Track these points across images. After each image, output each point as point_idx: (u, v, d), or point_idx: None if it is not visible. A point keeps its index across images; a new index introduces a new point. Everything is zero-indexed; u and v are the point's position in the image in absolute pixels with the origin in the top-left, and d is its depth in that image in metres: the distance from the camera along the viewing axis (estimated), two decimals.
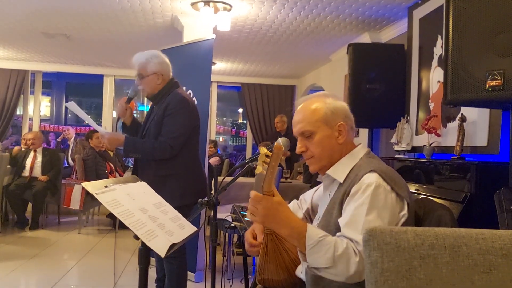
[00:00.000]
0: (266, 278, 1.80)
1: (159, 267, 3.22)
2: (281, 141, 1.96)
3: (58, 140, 9.18)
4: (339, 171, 1.68)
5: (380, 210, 1.50)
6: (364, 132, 5.51)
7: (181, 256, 3.02)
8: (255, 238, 1.86)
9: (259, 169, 1.52)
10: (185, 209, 2.97)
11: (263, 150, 1.53)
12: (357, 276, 1.44)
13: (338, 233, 1.52)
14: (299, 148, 1.73)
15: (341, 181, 1.65)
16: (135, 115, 3.16)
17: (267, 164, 1.49)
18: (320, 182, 1.89)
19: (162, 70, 3.03)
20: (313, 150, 1.70)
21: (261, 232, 1.83)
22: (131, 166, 5.49)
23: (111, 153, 7.20)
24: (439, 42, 3.97)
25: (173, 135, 2.93)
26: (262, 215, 1.52)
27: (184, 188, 3.00)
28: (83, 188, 5.99)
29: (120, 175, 6.88)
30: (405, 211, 1.55)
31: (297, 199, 2.10)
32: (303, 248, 1.50)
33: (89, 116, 3.15)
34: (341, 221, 1.54)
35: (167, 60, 3.10)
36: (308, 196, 2.04)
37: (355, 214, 1.50)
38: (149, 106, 3.33)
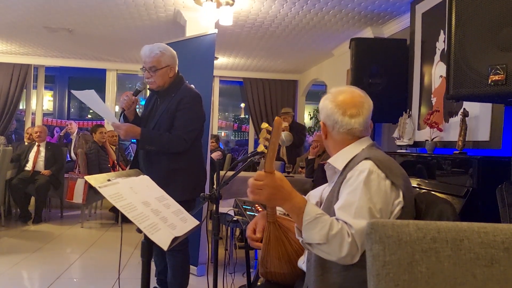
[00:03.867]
0: (269, 271, 1.82)
1: (158, 260, 3.24)
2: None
3: (60, 134, 9.20)
4: (339, 160, 1.73)
5: (372, 195, 1.52)
6: None
7: (185, 249, 3.05)
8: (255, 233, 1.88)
9: (261, 147, 1.55)
10: (194, 202, 3.00)
11: (264, 125, 1.56)
12: (349, 258, 1.46)
13: (333, 216, 1.55)
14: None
15: (340, 169, 1.70)
16: (136, 109, 3.16)
17: (268, 141, 1.51)
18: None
19: (174, 63, 3.06)
20: None
21: (262, 227, 1.84)
22: None
23: (113, 147, 7.21)
24: (442, 36, 3.96)
25: (187, 129, 2.96)
26: (268, 193, 1.53)
27: (195, 181, 3.05)
28: (85, 182, 6.02)
29: (122, 170, 6.89)
30: (401, 198, 1.57)
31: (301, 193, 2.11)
32: (300, 223, 1.52)
33: (108, 107, 3.13)
34: (336, 205, 1.57)
35: (175, 53, 3.13)
36: (318, 192, 2.05)
37: (348, 198, 1.53)
38: (145, 99, 3.34)
